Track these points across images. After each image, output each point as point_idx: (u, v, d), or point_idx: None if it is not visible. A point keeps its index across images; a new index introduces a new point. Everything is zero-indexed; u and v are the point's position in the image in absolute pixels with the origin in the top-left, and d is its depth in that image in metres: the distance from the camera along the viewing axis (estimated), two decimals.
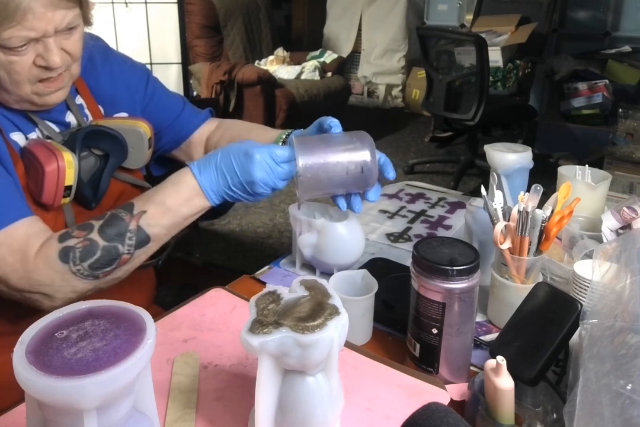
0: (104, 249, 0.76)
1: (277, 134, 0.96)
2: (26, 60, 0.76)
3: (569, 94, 3.61)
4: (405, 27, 4.86)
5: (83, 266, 0.75)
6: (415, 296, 0.71)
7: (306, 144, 0.78)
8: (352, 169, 0.77)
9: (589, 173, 1.09)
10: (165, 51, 2.78)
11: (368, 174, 0.78)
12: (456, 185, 3.32)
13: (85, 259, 0.75)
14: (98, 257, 0.76)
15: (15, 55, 0.75)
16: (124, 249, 0.77)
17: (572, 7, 4.03)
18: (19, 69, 0.76)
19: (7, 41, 0.73)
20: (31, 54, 0.76)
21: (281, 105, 3.64)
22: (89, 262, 0.75)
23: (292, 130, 0.95)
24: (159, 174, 1.14)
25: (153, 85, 1.04)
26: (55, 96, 0.83)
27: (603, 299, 0.60)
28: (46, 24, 0.74)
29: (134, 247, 0.78)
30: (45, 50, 0.76)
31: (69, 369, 0.42)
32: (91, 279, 0.77)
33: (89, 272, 0.76)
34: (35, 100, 0.82)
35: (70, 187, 0.83)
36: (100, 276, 0.77)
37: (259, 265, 1.04)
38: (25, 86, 0.79)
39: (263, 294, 0.57)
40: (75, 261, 0.75)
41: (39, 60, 0.77)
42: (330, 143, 0.78)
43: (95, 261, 0.76)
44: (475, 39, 3.00)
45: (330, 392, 0.56)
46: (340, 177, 0.77)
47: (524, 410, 0.61)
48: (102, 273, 0.77)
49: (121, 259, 0.77)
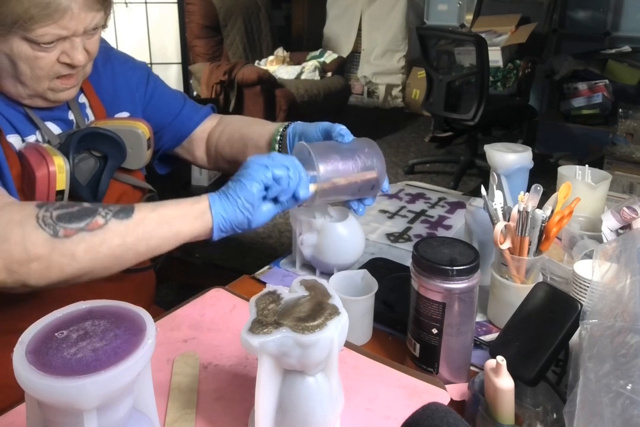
0: (84, 207, 0.69)
1: (274, 127, 0.96)
2: (51, 57, 0.78)
3: (569, 94, 3.62)
4: (405, 27, 4.86)
5: (51, 213, 0.67)
6: (415, 296, 0.71)
7: (323, 155, 0.77)
8: (363, 186, 0.81)
9: (589, 173, 1.09)
10: (165, 51, 2.78)
11: (376, 189, 0.82)
12: (456, 185, 3.32)
13: (59, 209, 0.68)
14: (72, 211, 0.68)
15: (42, 52, 0.77)
16: (102, 211, 0.69)
17: (572, 7, 4.03)
18: (43, 65, 0.79)
19: (41, 37, 0.75)
20: (57, 51, 0.79)
21: (281, 105, 3.63)
22: (59, 211, 0.68)
23: (290, 122, 0.95)
24: (164, 172, 1.14)
25: (153, 84, 1.04)
26: (68, 93, 0.85)
27: (603, 299, 0.60)
28: (78, 24, 0.77)
29: (112, 214, 0.69)
30: (71, 48, 0.79)
31: (69, 369, 0.42)
32: (49, 233, 0.66)
33: (52, 221, 0.67)
34: (48, 96, 0.84)
35: (62, 192, 0.82)
36: (60, 231, 0.67)
37: (259, 265, 1.04)
38: (44, 82, 0.81)
39: (263, 294, 0.57)
40: (49, 208, 0.68)
41: (64, 57, 0.80)
42: (346, 157, 0.79)
43: (66, 213, 0.68)
44: (475, 39, 3.00)
45: (330, 392, 0.56)
46: (350, 192, 0.81)
47: (524, 410, 0.61)
48: (64, 229, 0.67)
49: (93, 221, 0.68)
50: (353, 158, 0.79)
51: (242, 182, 0.72)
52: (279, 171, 0.73)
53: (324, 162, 0.77)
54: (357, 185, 0.80)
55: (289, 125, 0.94)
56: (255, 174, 0.72)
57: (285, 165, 0.73)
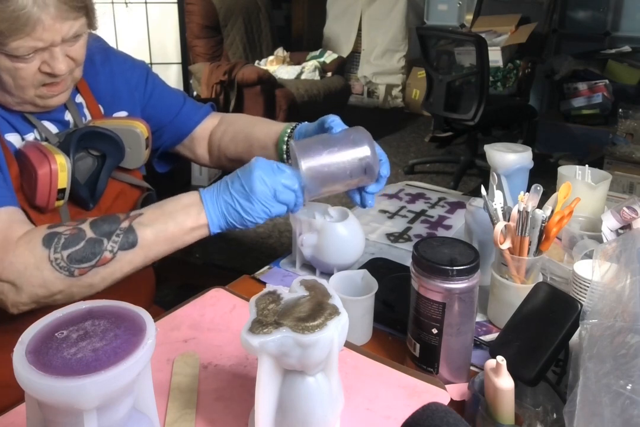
0: (89, 240, 0.73)
1: (281, 128, 0.96)
2: (32, 67, 0.77)
3: (569, 94, 3.62)
4: (405, 27, 4.86)
5: (62, 255, 0.72)
6: (415, 296, 0.70)
7: (307, 150, 0.77)
8: (354, 170, 0.78)
9: (589, 173, 1.09)
10: (165, 51, 2.78)
11: (370, 173, 0.79)
12: (456, 185, 3.32)
13: (67, 247, 0.73)
14: (79, 248, 0.73)
15: (21, 63, 0.76)
16: (107, 246, 0.74)
17: (572, 7, 4.03)
18: (24, 75, 0.77)
19: (15, 50, 0.74)
20: (37, 61, 0.77)
21: (281, 105, 3.64)
22: (69, 251, 0.72)
23: (297, 123, 0.95)
24: (164, 170, 1.13)
25: (153, 83, 1.04)
26: (57, 99, 0.84)
27: (603, 299, 0.60)
28: (54, 35, 0.75)
29: (117, 246, 0.74)
30: (51, 58, 0.77)
31: (69, 369, 0.42)
32: (65, 274, 0.73)
33: (65, 263, 0.72)
34: (37, 103, 0.83)
35: (63, 190, 0.82)
36: (75, 272, 0.73)
37: (259, 265, 1.04)
38: (29, 90, 0.80)
39: (263, 294, 0.57)
40: (57, 247, 0.72)
41: (45, 67, 0.78)
42: (330, 145, 0.78)
43: (75, 252, 0.72)
44: (475, 39, 3.00)
45: (330, 392, 0.56)
46: (343, 179, 0.79)
47: (524, 410, 0.61)
48: (78, 269, 0.73)
49: (102, 257, 0.74)
50: (338, 144, 0.78)
51: (251, 207, 0.75)
52: (286, 197, 0.76)
53: (307, 154, 0.77)
54: (347, 169, 0.78)
55: (295, 127, 0.94)
56: (265, 201, 0.75)
57: (293, 190, 0.76)
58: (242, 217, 0.76)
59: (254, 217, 0.76)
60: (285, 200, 0.76)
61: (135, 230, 0.75)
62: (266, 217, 0.76)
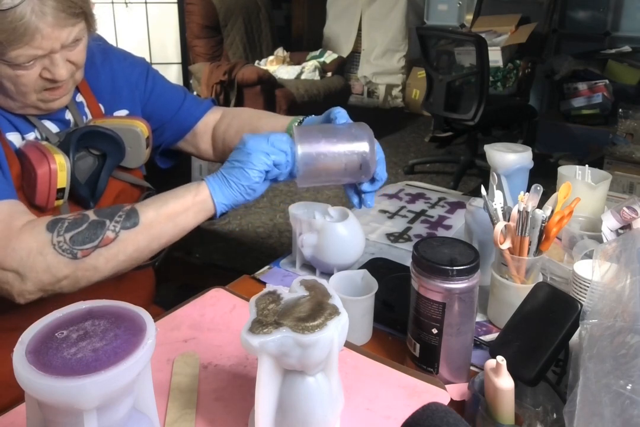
0: (92, 222, 0.74)
1: (288, 121, 0.96)
2: (32, 74, 0.77)
3: (569, 94, 3.62)
4: (405, 27, 4.86)
5: (64, 237, 0.73)
6: (415, 296, 0.71)
7: (306, 134, 0.79)
8: (349, 163, 0.79)
9: (589, 173, 1.09)
10: (165, 51, 2.78)
11: (365, 167, 0.80)
12: (456, 185, 3.32)
13: (69, 230, 0.73)
14: (82, 230, 0.73)
15: (22, 70, 0.76)
16: (110, 226, 0.74)
17: (572, 7, 4.03)
18: (26, 82, 0.78)
19: (15, 59, 0.74)
20: (37, 68, 0.77)
21: (281, 105, 3.64)
22: (71, 233, 0.73)
23: (304, 117, 0.95)
24: (166, 166, 1.13)
25: (153, 80, 1.04)
26: (59, 102, 0.85)
27: (603, 299, 0.60)
28: (53, 42, 0.75)
29: (120, 226, 0.75)
30: (51, 64, 0.78)
31: (69, 369, 0.42)
32: (68, 256, 0.73)
33: (68, 245, 0.73)
34: (40, 106, 0.83)
35: (63, 190, 0.83)
36: (78, 253, 0.73)
37: (259, 265, 1.04)
38: (31, 95, 0.81)
39: (263, 294, 0.57)
40: (60, 231, 0.73)
41: (45, 73, 0.79)
42: (330, 135, 0.79)
43: (77, 233, 0.73)
44: (475, 39, 3.00)
45: (330, 392, 0.56)
46: (337, 170, 0.79)
47: (524, 410, 0.61)
48: (81, 251, 0.73)
49: (104, 237, 0.74)
50: (338, 135, 0.79)
51: (244, 170, 0.77)
52: (278, 157, 0.77)
53: (305, 139, 0.78)
54: (342, 162, 0.78)
55: (302, 120, 0.94)
56: (257, 162, 0.77)
57: (283, 151, 0.77)
58: (242, 172, 0.77)
59: (253, 169, 0.77)
60: (277, 155, 0.77)
61: (137, 210, 0.77)
62: (266, 167, 0.77)
